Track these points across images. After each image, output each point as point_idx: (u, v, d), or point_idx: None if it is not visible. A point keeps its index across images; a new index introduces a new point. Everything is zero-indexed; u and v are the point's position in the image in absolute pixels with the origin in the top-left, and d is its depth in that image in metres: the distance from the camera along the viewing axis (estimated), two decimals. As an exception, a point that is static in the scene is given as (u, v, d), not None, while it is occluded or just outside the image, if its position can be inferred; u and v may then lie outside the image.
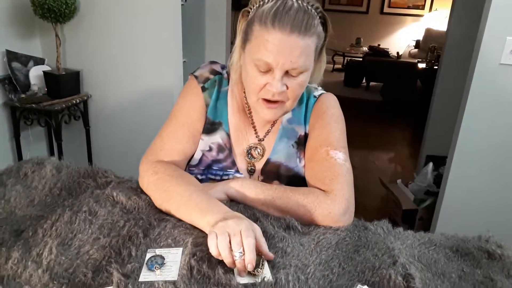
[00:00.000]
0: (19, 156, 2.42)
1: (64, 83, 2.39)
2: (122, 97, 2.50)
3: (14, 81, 2.32)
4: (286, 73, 0.87)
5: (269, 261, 0.73)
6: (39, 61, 2.48)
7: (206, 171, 1.00)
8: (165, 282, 0.66)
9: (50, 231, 0.77)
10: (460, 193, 2.04)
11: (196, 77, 1.04)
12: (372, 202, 2.99)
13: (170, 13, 2.29)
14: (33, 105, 2.27)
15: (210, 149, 1.01)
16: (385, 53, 6.57)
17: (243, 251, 0.68)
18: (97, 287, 0.66)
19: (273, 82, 0.86)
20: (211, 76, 1.03)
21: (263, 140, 1.03)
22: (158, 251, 0.75)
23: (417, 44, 7.13)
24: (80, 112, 2.51)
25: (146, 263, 0.72)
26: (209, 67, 1.05)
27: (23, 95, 2.34)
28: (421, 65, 5.76)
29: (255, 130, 1.03)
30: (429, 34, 6.87)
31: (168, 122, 1.01)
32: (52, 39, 2.33)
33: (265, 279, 0.67)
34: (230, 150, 1.01)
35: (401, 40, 7.80)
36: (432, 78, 4.79)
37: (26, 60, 2.42)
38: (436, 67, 5.27)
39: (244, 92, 1.01)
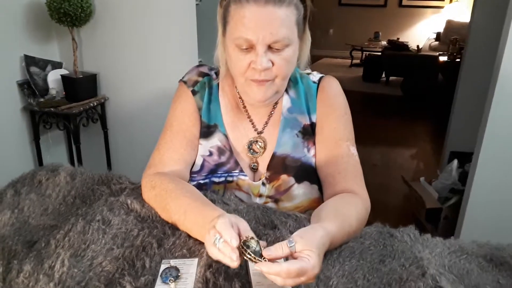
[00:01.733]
0: (39, 160, 2.44)
1: (81, 86, 2.40)
2: (139, 98, 2.50)
3: (33, 86, 2.34)
4: (270, 48, 0.84)
5: None
6: (56, 65, 2.50)
7: (210, 176, 0.97)
8: (180, 296, 0.63)
9: (63, 242, 0.75)
10: (487, 191, 1.96)
11: (184, 82, 1.01)
12: (393, 201, 2.92)
13: (185, 13, 2.26)
14: (52, 109, 2.28)
15: (211, 154, 0.98)
16: (404, 46, 6.42)
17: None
18: (109, 301, 0.63)
19: (257, 59, 0.83)
20: (200, 79, 1.01)
21: (262, 132, 0.99)
22: (173, 262, 0.72)
23: (438, 37, 6.94)
24: (98, 114, 2.52)
25: (161, 275, 0.69)
26: (196, 71, 1.03)
27: (41, 99, 2.36)
28: (443, 58, 5.60)
29: (252, 123, 0.99)
30: (450, 26, 6.68)
31: (163, 133, 0.99)
32: (69, 43, 2.34)
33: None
34: (231, 150, 0.97)
35: (421, 33, 7.62)
36: (454, 71, 4.65)
37: (44, 65, 2.44)
38: (458, 60, 5.14)
39: (236, 87, 0.98)
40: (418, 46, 6.44)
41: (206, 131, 0.98)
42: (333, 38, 8.03)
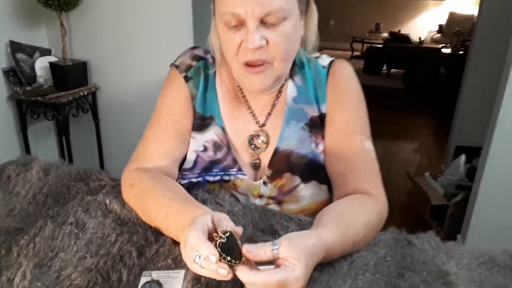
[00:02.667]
0: (27, 152, 2.32)
1: (71, 74, 2.27)
2: (132, 88, 2.38)
3: (19, 73, 2.22)
4: (263, 23, 0.72)
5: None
6: (45, 52, 2.37)
7: (204, 174, 0.86)
8: (161, 319, 0.53)
9: (27, 250, 0.64)
10: (496, 188, 1.87)
11: (176, 66, 0.89)
12: (397, 197, 2.81)
13: (180, 0, 2.14)
14: (39, 97, 2.16)
15: (205, 149, 0.86)
16: (406, 38, 6.30)
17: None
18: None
19: (248, 36, 0.71)
20: (194, 63, 0.88)
21: (265, 125, 0.87)
22: (155, 275, 0.61)
23: (440, 29, 6.83)
24: (89, 104, 2.40)
25: (140, 292, 0.58)
26: (190, 53, 0.90)
27: (28, 88, 2.23)
28: (446, 51, 5.48)
29: (253, 115, 0.87)
30: (453, 18, 6.57)
31: (150, 123, 0.87)
32: (58, 28, 2.21)
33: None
34: (228, 146, 0.86)
35: (423, 25, 7.49)
36: (457, 63, 4.54)
37: (32, 51, 2.31)
38: (461, 52, 5.03)
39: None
40: (420, 38, 6.33)
41: (201, 123, 0.86)
42: (333, 30, 7.88)
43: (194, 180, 0.85)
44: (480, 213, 1.96)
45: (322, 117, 0.84)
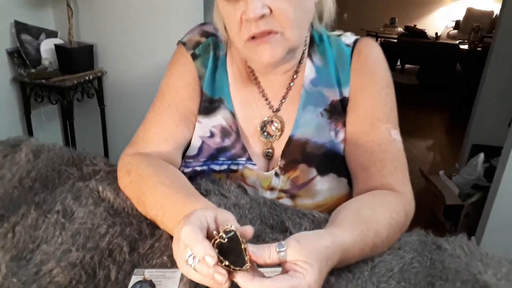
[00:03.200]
0: (30, 136, 2.27)
1: (76, 57, 2.20)
2: (140, 74, 2.30)
3: (24, 55, 2.15)
4: None
5: None
6: (51, 34, 2.30)
7: (209, 162, 0.78)
8: (151, 326, 0.45)
9: (5, 240, 0.57)
10: (517, 189, 1.77)
11: (183, 44, 0.80)
12: (409, 195, 2.71)
13: (191, -18, 2.05)
14: (43, 80, 2.09)
15: (212, 135, 0.78)
16: (422, 33, 6.14)
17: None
18: (52, 330, 0.45)
19: (247, 6, 0.62)
20: (203, 39, 0.80)
21: (279, 110, 0.78)
22: (148, 274, 0.54)
23: (457, 25, 6.65)
24: (94, 89, 2.33)
25: (129, 293, 0.50)
26: (199, 29, 0.81)
27: (33, 70, 2.17)
28: (463, 47, 5.32)
29: (266, 99, 0.78)
30: (471, 14, 6.39)
31: (152, 105, 0.79)
32: (64, 10, 2.14)
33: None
34: (238, 132, 0.77)
35: (439, 20, 7.30)
36: (475, 60, 4.40)
37: (37, 33, 2.24)
38: (479, 49, 4.88)
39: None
40: (436, 34, 6.16)
41: (208, 106, 0.78)
42: (347, 23, 7.71)
43: (198, 168, 0.77)
44: (497, 215, 1.87)
45: (343, 102, 0.75)
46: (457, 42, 5.67)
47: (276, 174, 0.75)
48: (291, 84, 0.77)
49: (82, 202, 0.66)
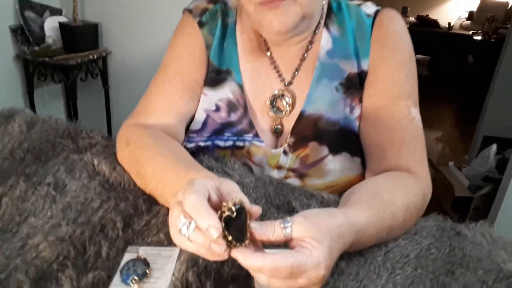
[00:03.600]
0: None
1: (81, 36, 2.15)
2: (145, 54, 2.24)
3: (27, 32, 2.11)
4: None
5: None
6: (55, 12, 2.25)
7: (213, 138, 0.73)
8: (143, 308, 0.41)
9: (-10, 211, 0.53)
10: (530, 182, 1.71)
11: (190, 11, 0.75)
12: (417, 186, 2.66)
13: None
14: (46, 58, 2.05)
15: (218, 109, 0.73)
16: (435, 23, 6.01)
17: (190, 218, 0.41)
18: (35, 308, 0.41)
19: None
20: (210, 6, 0.74)
21: (291, 83, 0.72)
22: (142, 252, 0.50)
23: (470, 16, 6.51)
24: (99, 70, 2.28)
25: (120, 271, 0.46)
26: None
27: (36, 48, 2.12)
28: (476, 37, 5.20)
29: (278, 72, 0.72)
30: (485, 5, 6.24)
31: (156, 75, 0.74)
32: (70, -14, 2.09)
33: None
34: (245, 107, 0.72)
35: (452, 11, 7.14)
36: (488, 51, 4.30)
37: (42, 10, 2.19)
38: (493, 40, 4.76)
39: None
40: (449, 24, 6.03)
41: (215, 77, 0.73)
42: (357, 12, 7.60)
43: (202, 144, 0.72)
44: (508, 208, 1.82)
45: (361, 76, 0.69)
46: (470, 32, 5.54)
47: (285, 152, 0.70)
48: (305, 55, 0.71)
49: (75, 175, 0.62)
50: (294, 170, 0.70)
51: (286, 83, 0.72)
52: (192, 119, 0.74)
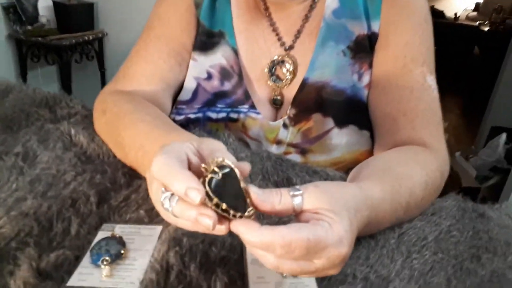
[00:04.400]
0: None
1: (75, 15, 2.08)
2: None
3: (20, 11, 2.03)
4: None
5: None
6: (50, -10, 2.18)
7: (205, 109, 0.65)
8: (112, 294, 0.35)
9: None
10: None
11: None
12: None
13: None
14: (40, 38, 1.98)
15: (210, 77, 0.65)
16: (440, 14, 5.90)
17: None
18: (-16, 292, 0.35)
19: None
20: None
21: (292, 47, 0.64)
22: (119, 230, 0.43)
23: (476, 7, 6.40)
24: (95, 51, 2.21)
25: (91, 251, 0.39)
26: None
27: (29, 27, 2.05)
28: (484, 28, 5.10)
29: (277, 34, 0.65)
30: (492, -4, 6.13)
31: (138, 39, 0.67)
32: (63, -38, 2.01)
33: None
34: (240, 74, 0.64)
35: (458, 2, 7.02)
36: (494, 42, 4.20)
37: (35, -12, 2.12)
38: (500, 31, 4.66)
39: None
40: (456, 14, 5.92)
41: (206, 41, 0.65)
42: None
43: (192, 116, 0.65)
44: (517, 199, 1.75)
45: (372, 38, 0.62)
46: (477, 23, 5.44)
47: (285, 125, 0.63)
48: (308, 15, 0.63)
49: (49, 145, 0.55)
50: (295, 145, 0.63)
51: (287, 48, 0.64)
52: (179, 90, 0.67)
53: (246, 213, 0.32)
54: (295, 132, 0.63)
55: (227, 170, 0.32)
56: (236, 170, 0.32)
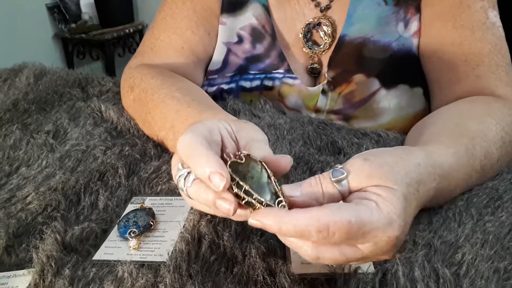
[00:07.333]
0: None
1: (115, 10, 2.11)
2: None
3: (63, 10, 2.09)
4: None
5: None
6: (90, -12, 2.22)
7: (237, 78, 0.60)
8: (142, 266, 0.31)
9: (-23, 162, 0.45)
10: None
11: None
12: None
13: None
14: (83, 35, 2.03)
15: (240, 40, 0.60)
16: None
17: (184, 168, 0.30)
18: (9, 266, 0.33)
19: None
20: None
21: (329, 7, 0.58)
22: (149, 202, 0.40)
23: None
24: (136, 44, 2.24)
25: (118, 224, 0.37)
26: None
27: (73, 25, 2.11)
28: None
29: None
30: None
31: (161, 5, 0.62)
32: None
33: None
34: (273, 35, 0.58)
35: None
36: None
37: (76, -14, 2.17)
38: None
39: None
40: None
41: (234, 1, 0.61)
42: None
43: (225, 86, 0.60)
44: None
45: None
46: None
47: (323, 91, 0.57)
48: None
49: (79, 122, 0.53)
50: (336, 111, 0.57)
51: (323, 8, 0.58)
52: (209, 62, 0.62)
53: (277, 203, 0.27)
54: (335, 97, 0.56)
55: (253, 160, 0.28)
56: (269, 171, 0.28)
